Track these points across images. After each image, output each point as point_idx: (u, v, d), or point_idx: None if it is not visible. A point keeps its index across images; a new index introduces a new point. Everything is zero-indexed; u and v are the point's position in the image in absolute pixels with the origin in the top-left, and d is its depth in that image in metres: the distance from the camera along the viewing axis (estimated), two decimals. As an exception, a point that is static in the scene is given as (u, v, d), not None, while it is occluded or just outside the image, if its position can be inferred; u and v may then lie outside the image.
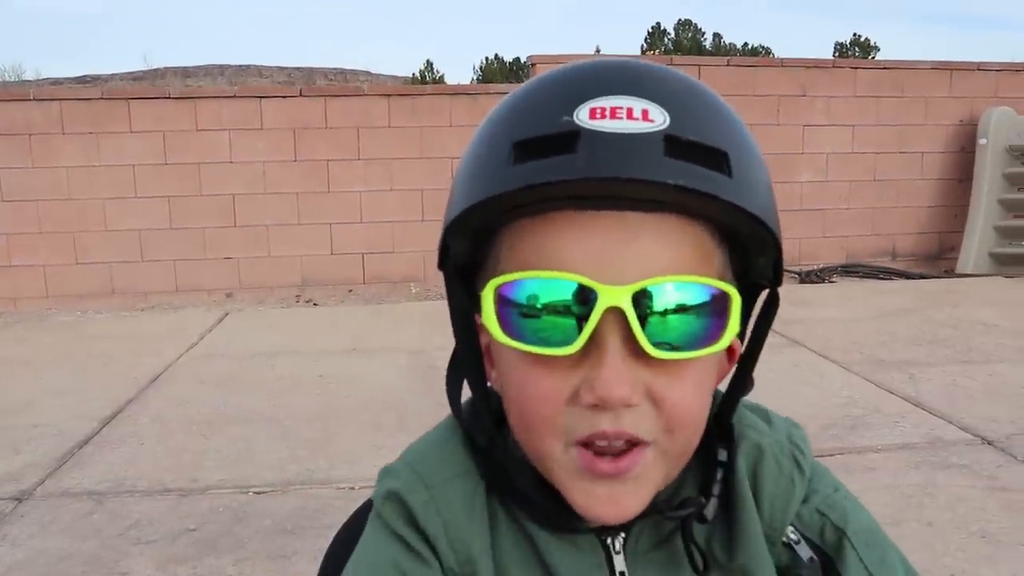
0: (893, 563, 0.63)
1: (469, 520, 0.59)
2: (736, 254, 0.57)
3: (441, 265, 0.59)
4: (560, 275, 0.51)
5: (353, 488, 2.54)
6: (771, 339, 1.90)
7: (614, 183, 0.49)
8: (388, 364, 3.98)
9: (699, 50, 49.10)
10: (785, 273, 3.22)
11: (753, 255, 0.58)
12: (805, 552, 0.62)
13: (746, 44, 51.28)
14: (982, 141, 6.56)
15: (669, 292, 0.52)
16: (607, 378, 0.51)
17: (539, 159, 0.50)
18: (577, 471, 0.55)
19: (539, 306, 0.52)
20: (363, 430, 3.06)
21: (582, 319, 0.51)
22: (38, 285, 5.69)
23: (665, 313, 0.52)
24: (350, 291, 5.99)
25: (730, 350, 0.61)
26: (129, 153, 5.63)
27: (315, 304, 5.73)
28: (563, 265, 0.51)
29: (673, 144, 0.50)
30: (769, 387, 0.78)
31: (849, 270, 6.62)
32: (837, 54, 47.71)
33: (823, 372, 3.68)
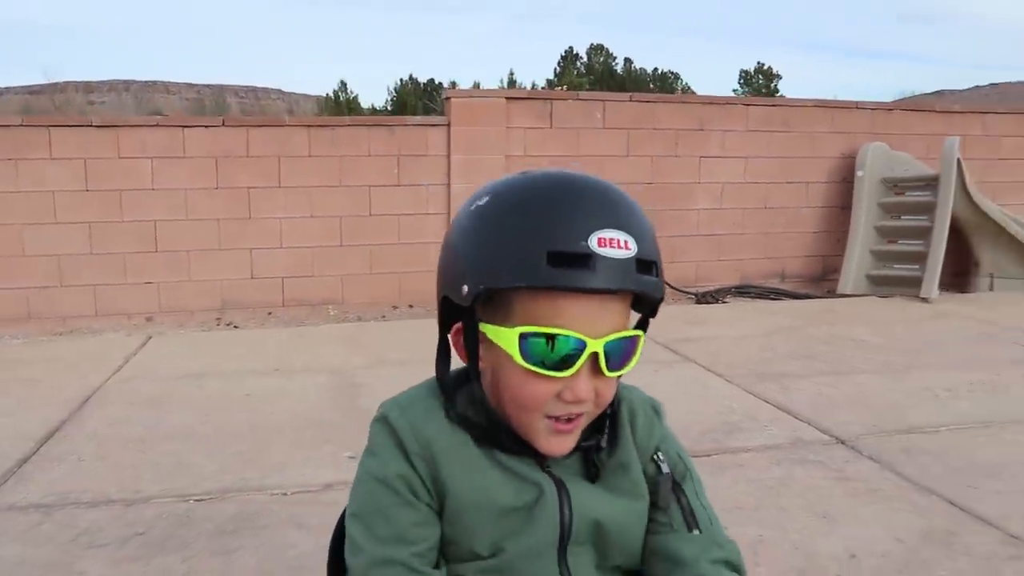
0: (709, 505, 1.13)
1: (426, 422, 1.03)
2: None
3: (467, 302, 0.97)
4: (568, 332, 0.94)
5: (285, 494, 2.83)
6: (665, 356, 2.56)
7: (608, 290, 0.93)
8: (309, 383, 4.27)
9: (611, 74, 50.45)
10: (682, 294, 3.93)
11: (646, 304, 1.04)
12: (665, 468, 1.10)
13: (656, 69, 52.91)
14: (859, 173, 7.25)
15: (618, 340, 0.97)
16: (583, 389, 0.96)
17: (567, 268, 0.91)
18: (547, 431, 1.00)
19: (551, 347, 0.94)
20: (290, 444, 3.35)
21: (576, 356, 0.95)
22: (-48, 310, 5.74)
23: (614, 351, 0.96)
24: (270, 314, 6.22)
25: None
26: (49, 179, 5.75)
27: (236, 327, 5.95)
28: (567, 324, 0.94)
29: (638, 263, 0.94)
30: (660, 397, 1.16)
31: (742, 291, 7.19)
32: (742, 81, 49.67)
33: (708, 384, 4.14)
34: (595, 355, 0.94)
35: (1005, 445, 3.28)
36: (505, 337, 0.95)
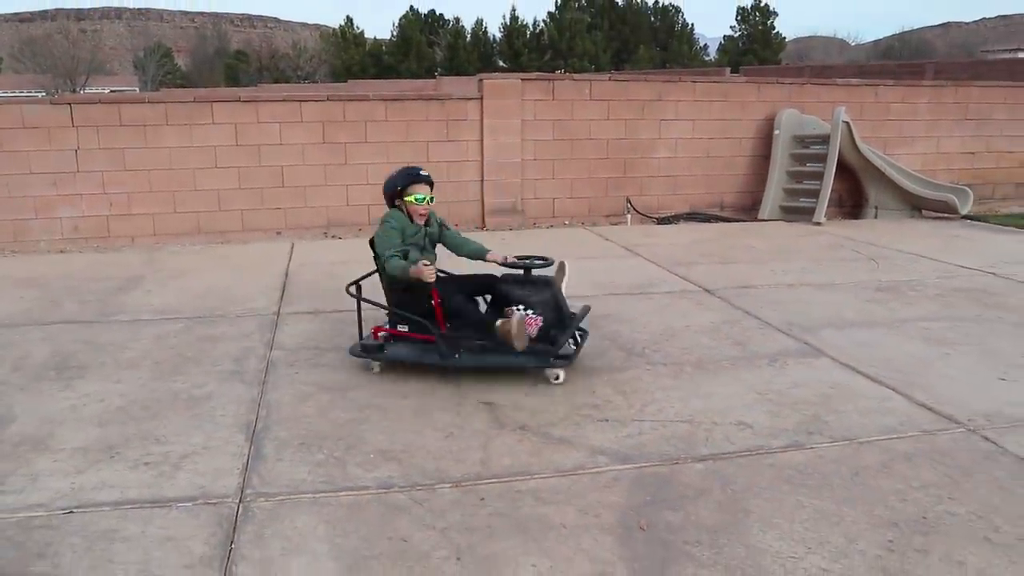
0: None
1: (402, 216, 4.82)
2: None
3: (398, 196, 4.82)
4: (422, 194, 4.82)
5: (425, 309, 6.02)
6: (624, 253, 7.41)
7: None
8: (410, 268, 7.43)
9: (612, 7, 52.64)
10: (647, 218, 8.48)
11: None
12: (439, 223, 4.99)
13: (657, 2, 55.10)
14: (776, 132, 10.37)
15: (431, 197, 4.87)
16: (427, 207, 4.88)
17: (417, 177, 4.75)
18: (417, 216, 4.97)
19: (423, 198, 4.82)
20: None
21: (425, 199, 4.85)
22: (149, 226, 8.88)
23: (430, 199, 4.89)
24: (360, 229, 9.38)
25: None
26: (212, 138, 8.84)
27: (339, 238, 9.11)
28: (422, 191, 4.82)
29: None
30: (616, 274, 4.15)
31: (691, 216, 10.36)
32: (739, 18, 51.94)
33: (646, 268, 7.33)
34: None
35: (791, 292, 6.49)
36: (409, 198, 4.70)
